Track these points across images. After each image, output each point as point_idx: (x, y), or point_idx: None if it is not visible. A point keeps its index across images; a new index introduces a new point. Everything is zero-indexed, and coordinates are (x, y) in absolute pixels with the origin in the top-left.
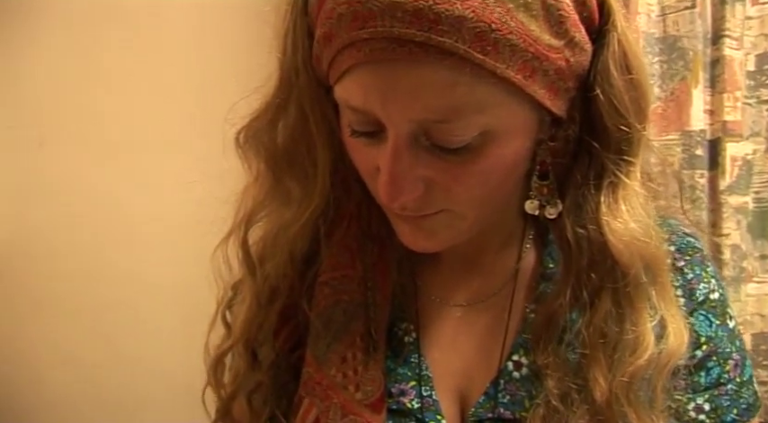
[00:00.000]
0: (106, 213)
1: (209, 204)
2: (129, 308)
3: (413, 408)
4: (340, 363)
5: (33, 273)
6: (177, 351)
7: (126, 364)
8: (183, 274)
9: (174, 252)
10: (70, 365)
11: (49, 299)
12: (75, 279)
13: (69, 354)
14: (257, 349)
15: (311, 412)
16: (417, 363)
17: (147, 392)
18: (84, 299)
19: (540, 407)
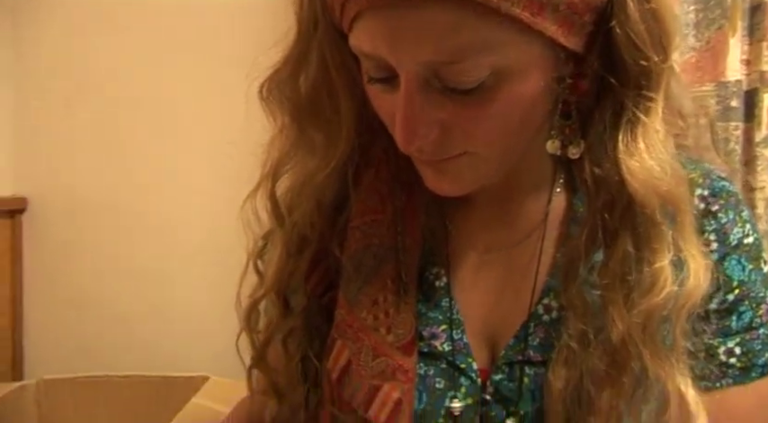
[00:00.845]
0: (135, 168)
1: (239, 158)
2: (161, 259)
3: (444, 351)
4: (371, 305)
5: (68, 227)
6: (210, 301)
7: (159, 314)
8: (213, 225)
9: (204, 203)
10: (104, 315)
11: (84, 252)
12: (108, 232)
13: (103, 304)
14: (289, 296)
15: (343, 354)
16: (448, 306)
17: (179, 341)
18: (117, 251)
19: (563, 349)
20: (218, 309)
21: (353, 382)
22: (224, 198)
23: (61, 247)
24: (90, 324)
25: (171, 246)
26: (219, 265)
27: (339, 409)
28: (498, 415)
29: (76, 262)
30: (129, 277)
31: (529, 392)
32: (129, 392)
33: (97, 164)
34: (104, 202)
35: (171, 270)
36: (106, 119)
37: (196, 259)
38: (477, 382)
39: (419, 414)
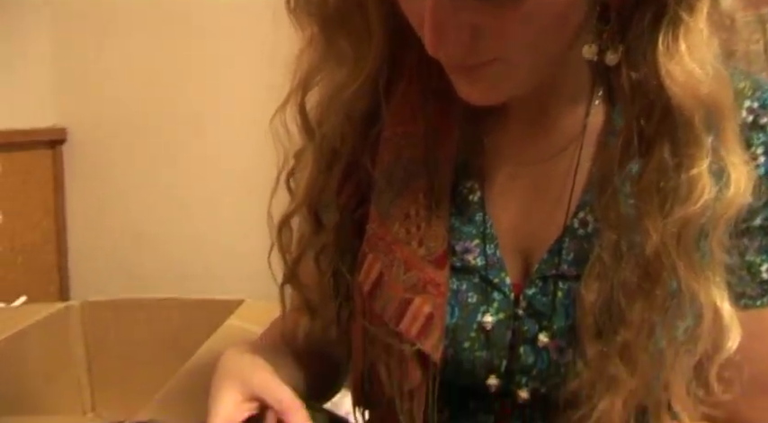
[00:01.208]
0: (175, 96)
1: (282, 82)
2: (201, 186)
3: (477, 265)
4: (403, 218)
5: (108, 157)
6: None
7: (197, 240)
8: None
9: (245, 130)
10: (145, 241)
11: (124, 181)
12: (148, 161)
13: (144, 231)
14: (321, 213)
15: (375, 267)
16: (482, 221)
17: (216, 265)
18: (157, 179)
19: (596, 262)
20: (253, 234)
21: (385, 296)
22: (265, 124)
23: (102, 177)
24: (131, 250)
25: (210, 172)
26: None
27: (370, 323)
28: (531, 329)
29: (117, 190)
30: (168, 204)
31: (562, 307)
32: (166, 314)
33: (136, 93)
34: (144, 131)
35: (210, 197)
36: (146, 47)
37: (234, 186)
38: (510, 296)
39: (451, 328)
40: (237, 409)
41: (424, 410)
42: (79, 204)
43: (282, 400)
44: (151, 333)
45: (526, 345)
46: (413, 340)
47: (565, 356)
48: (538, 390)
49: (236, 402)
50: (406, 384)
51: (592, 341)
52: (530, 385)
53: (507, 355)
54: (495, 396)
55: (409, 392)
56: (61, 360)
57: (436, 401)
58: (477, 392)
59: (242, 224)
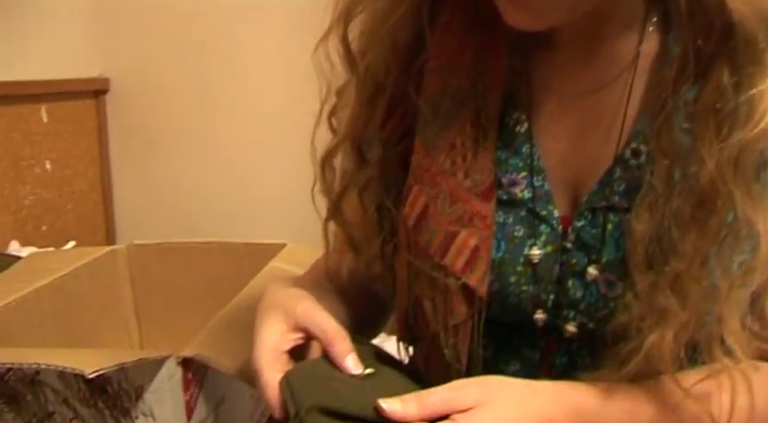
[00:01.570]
0: (218, 46)
1: (315, 26)
2: (243, 133)
3: (524, 198)
4: (449, 149)
5: (150, 107)
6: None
7: (240, 186)
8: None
9: (286, 76)
10: (189, 188)
11: (167, 129)
12: (190, 110)
13: (187, 178)
14: (364, 147)
15: (419, 200)
16: (529, 153)
17: (259, 211)
18: (199, 128)
19: (648, 192)
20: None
21: (430, 229)
22: (305, 66)
23: (144, 125)
24: (174, 196)
25: (251, 118)
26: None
27: (415, 257)
28: (579, 262)
29: (159, 138)
30: (209, 150)
31: (612, 240)
32: (209, 258)
33: (177, 42)
34: (184, 79)
35: (251, 141)
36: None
37: (276, 130)
38: (558, 229)
39: (497, 262)
40: (282, 339)
41: (468, 345)
42: (123, 153)
43: (327, 330)
44: (194, 276)
45: (574, 278)
46: (458, 274)
47: (614, 290)
48: (585, 324)
49: (280, 332)
50: (451, 319)
51: (642, 273)
52: (577, 320)
53: (554, 290)
54: (541, 331)
55: (454, 327)
56: (110, 301)
57: (481, 337)
58: (522, 328)
59: (283, 168)
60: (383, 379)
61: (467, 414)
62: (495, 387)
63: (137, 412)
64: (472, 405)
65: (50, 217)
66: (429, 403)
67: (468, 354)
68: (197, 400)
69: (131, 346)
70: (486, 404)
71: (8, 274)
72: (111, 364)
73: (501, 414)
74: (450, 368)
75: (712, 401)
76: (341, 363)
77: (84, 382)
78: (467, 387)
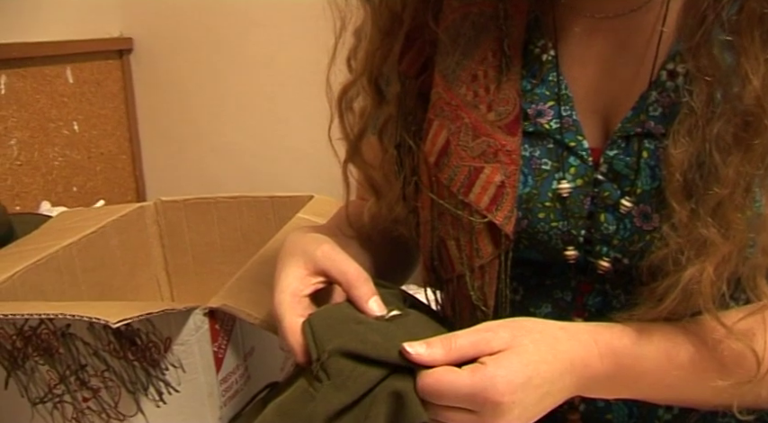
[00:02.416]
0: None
1: None
2: (266, 90)
3: (551, 129)
4: (470, 81)
5: (174, 66)
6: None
7: (262, 142)
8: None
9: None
10: (215, 146)
11: (191, 88)
12: (213, 68)
13: (213, 135)
14: (382, 84)
15: (441, 135)
16: (556, 81)
17: (284, 166)
18: (222, 85)
19: (687, 116)
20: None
21: (452, 165)
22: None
23: (169, 85)
24: (201, 154)
25: (274, 74)
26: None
27: (438, 196)
28: (612, 195)
29: (184, 97)
30: (233, 108)
31: (647, 168)
32: (236, 212)
33: (199, 1)
34: (208, 38)
35: (274, 98)
36: None
37: (299, 85)
38: (588, 160)
39: (524, 198)
40: (302, 283)
41: (495, 287)
42: (149, 113)
43: (347, 272)
44: (222, 230)
45: (607, 212)
46: (483, 212)
47: (650, 222)
48: (620, 260)
49: (300, 277)
50: (477, 259)
51: (680, 202)
52: (611, 255)
53: (586, 225)
54: (573, 271)
55: (480, 268)
56: (139, 257)
57: (509, 278)
58: (553, 268)
59: (307, 123)
60: (409, 322)
61: (495, 357)
62: (526, 329)
63: (166, 363)
64: (502, 348)
65: (80, 178)
66: (456, 346)
67: (495, 296)
68: (226, 351)
69: (162, 301)
70: (516, 347)
71: (39, 232)
72: (136, 315)
73: (531, 357)
74: (477, 311)
75: (756, 339)
76: (363, 305)
77: (113, 334)
78: (496, 329)
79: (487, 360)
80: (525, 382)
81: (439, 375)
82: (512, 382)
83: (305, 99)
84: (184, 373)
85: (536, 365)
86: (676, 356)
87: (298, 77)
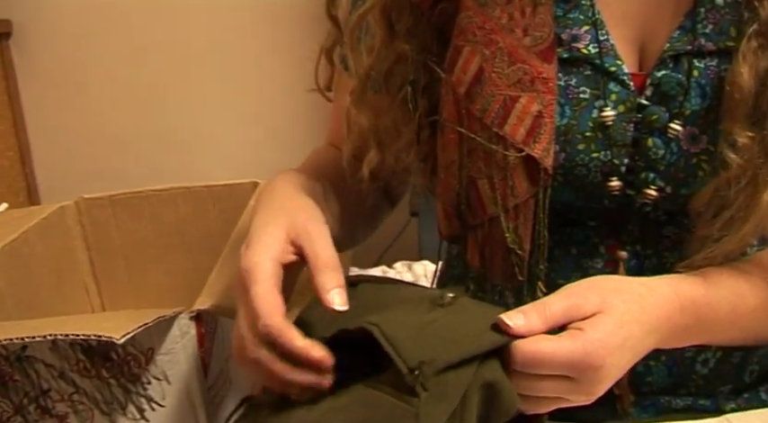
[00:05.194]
0: None
1: None
2: (164, 76)
3: (589, 53)
4: (506, 2)
5: (62, 52)
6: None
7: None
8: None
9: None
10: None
11: (78, 76)
12: (105, 53)
13: (107, 126)
14: (393, 18)
15: (473, 61)
16: (590, 4)
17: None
18: (117, 72)
19: (753, 37)
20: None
21: (486, 94)
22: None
23: (56, 73)
24: (100, 148)
25: (178, 61)
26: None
27: (469, 129)
28: (661, 118)
29: (76, 87)
30: (135, 97)
31: (698, 87)
32: (171, 205)
33: None
34: (100, 22)
35: (179, 86)
36: None
37: (206, 73)
38: (630, 85)
39: (562, 130)
40: (283, 251)
41: (532, 228)
42: (36, 104)
43: (319, 256)
44: (154, 226)
45: (654, 137)
46: (519, 146)
47: (698, 144)
48: (663, 189)
49: (281, 240)
50: (512, 199)
51: (745, 124)
52: (656, 183)
53: (629, 153)
54: (612, 219)
55: (515, 208)
56: (64, 263)
57: (547, 216)
58: (589, 216)
59: (217, 108)
60: (463, 305)
61: (591, 321)
62: (612, 290)
63: (148, 377)
64: (594, 311)
65: None
66: (551, 314)
67: (530, 238)
68: (211, 355)
69: (93, 311)
70: (608, 310)
71: None
72: (138, 325)
73: (624, 318)
74: (511, 256)
75: None
76: (323, 294)
77: (82, 352)
78: (585, 293)
79: (584, 325)
80: (621, 343)
81: (539, 344)
82: (610, 344)
83: (211, 83)
84: (169, 384)
85: (629, 326)
86: (746, 298)
87: (202, 60)
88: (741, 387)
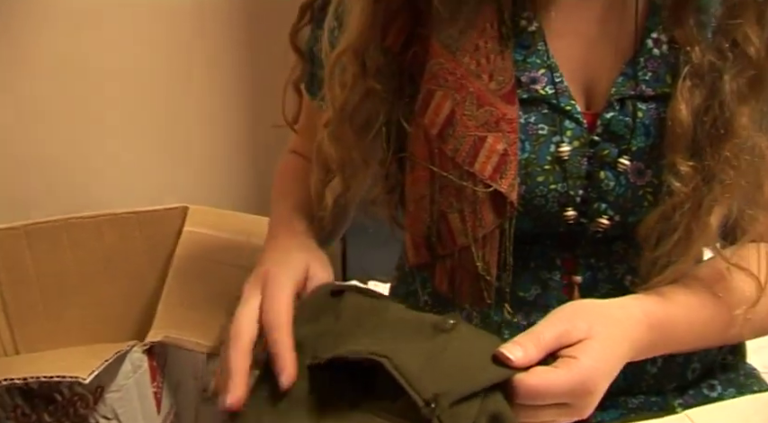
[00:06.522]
0: None
1: None
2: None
3: (546, 94)
4: (473, 50)
5: None
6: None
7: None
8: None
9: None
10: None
11: None
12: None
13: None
14: (367, 59)
15: (444, 105)
16: (545, 50)
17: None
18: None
19: (687, 78)
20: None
21: (457, 135)
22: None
23: None
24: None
25: (86, 74)
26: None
27: (441, 167)
28: (611, 153)
29: None
30: (40, 114)
31: (642, 127)
32: (95, 233)
33: None
34: None
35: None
36: None
37: (120, 89)
38: (584, 123)
39: (522, 164)
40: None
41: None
42: None
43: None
44: (78, 256)
45: (605, 170)
46: (487, 181)
47: (643, 177)
48: (613, 218)
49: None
50: (480, 230)
51: (686, 156)
52: (608, 213)
53: (584, 185)
54: (567, 239)
55: (483, 238)
56: None
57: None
58: (546, 237)
59: (130, 129)
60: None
61: (582, 349)
62: (596, 316)
63: (96, 417)
64: (581, 337)
65: None
66: (545, 342)
67: (497, 264)
68: (163, 390)
69: (4, 352)
70: (595, 336)
71: None
72: (99, 363)
73: (608, 343)
74: (479, 282)
75: (751, 262)
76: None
77: (21, 396)
78: (572, 320)
79: (576, 353)
80: (611, 369)
81: (540, 378)
82: (601, 369)
83: (126, 101)
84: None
85: (613, 349)
86: (698, 312)
87: (116, 73)
88: (685, 384)
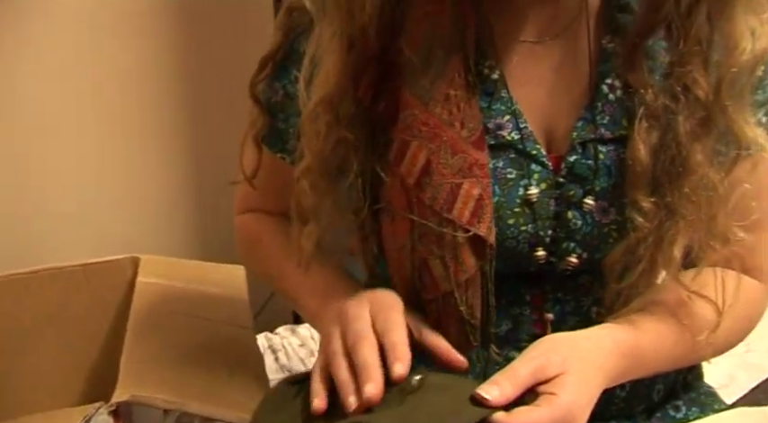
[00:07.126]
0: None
1: None
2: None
3: (513, 139)
4: (444, 100)
5: None
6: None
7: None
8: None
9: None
10: None
11: None
12: None
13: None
14: (340, 111)
15: (420, 155)
16: (508, 97)
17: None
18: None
19: (643, 120)
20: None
21: (434, 183)
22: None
23: None
24: None
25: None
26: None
27: (420, 216)
28: (576, 194)
29: None
30: None
31: (605, 168)
32: (37, 288)
33: None
34: None
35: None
36: None
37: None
38: (549, 166)
39: (494, 207)
40: None
41: (480, 300)
42: None
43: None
44: (19, 312)
45: (572, 210)
46: (466, 226)
47: (608, 216)
48: (581, 255)
49: None
50: (462, 274)
51: (647, 193)
52: (577, 251)
53: (552, 225)
54: (536, 277)
55: (465, 282)
56: None
57: (493, 287)
58: (516, 275)
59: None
60: (433, 381)
61: (559, 384)
62: (569, 349)
63: None
64: (557, 372)
65: None
66: (521, 380)
67: (481, 307)
68: None
69: None
70: (569, 370)
71: None
72: None
73: (583, 375)
74: (465, 326)
75: (709, 290)
76: None
77: None
78: (547, 355)
79: (555, 389)
80: (589, 400)
81: (527, 417)
82: (579, 403)
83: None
84: None
85: (589, 382)
86: (666, 337)
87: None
88: (652, 406)
